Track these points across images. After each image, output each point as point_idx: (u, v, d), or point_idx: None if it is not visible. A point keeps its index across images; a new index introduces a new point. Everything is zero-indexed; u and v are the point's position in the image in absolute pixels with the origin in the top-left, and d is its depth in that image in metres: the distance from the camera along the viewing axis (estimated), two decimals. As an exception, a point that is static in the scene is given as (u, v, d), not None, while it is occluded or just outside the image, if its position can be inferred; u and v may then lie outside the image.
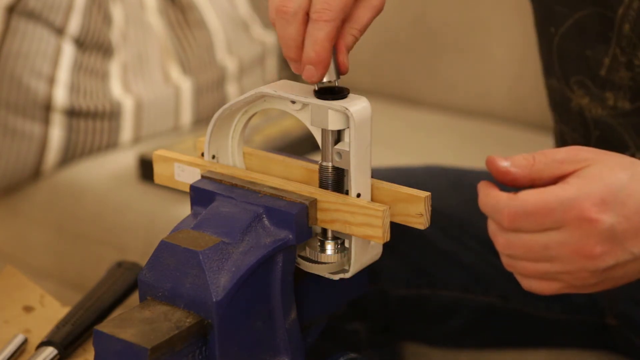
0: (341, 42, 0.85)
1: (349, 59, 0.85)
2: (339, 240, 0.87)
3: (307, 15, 0.83)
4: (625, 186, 0.73)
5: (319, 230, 0.88)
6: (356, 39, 0.85)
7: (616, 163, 0.75)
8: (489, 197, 0.76)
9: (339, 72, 0.86)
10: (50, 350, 0.96)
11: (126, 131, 1.87)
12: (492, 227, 0.77)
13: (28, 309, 1.06)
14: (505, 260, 0.78)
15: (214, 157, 0.92)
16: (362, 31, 0.86)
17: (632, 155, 1.00)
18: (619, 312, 1.10)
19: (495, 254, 1.15)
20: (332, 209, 0.85)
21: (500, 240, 0.76)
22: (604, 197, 0.73)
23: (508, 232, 0.75)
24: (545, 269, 0.75)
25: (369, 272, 0.92)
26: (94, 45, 1.84)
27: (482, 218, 0.93)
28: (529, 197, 0.73)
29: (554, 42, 1.07)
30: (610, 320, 1.11)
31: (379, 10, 0.86)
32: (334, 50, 0.84)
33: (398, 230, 0.87)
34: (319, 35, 0.81)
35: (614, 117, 1.01)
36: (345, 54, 0.85)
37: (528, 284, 0.78)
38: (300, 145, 1.75)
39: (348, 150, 0.84)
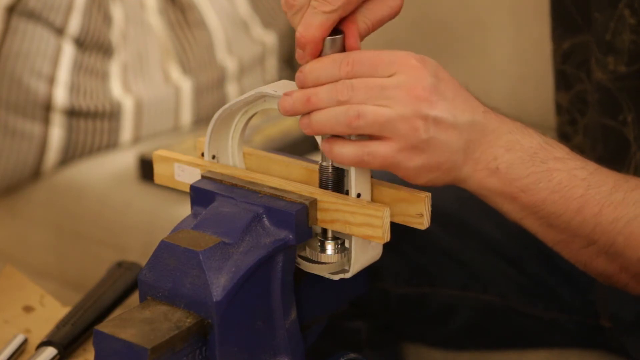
0: (353, 26, 0.86)
1: (359, 45, 0.87)
2: (339, 240, 0.87)
3: None
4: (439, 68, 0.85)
5: (319, 230, 0.88)
6: (369, 29, 0.88)
7: None
8: (323, 58, 0.84)
9: None
10: (50, 350, 0.96)
11: (126, 131, 1.87)
12: (333, 82, 0.83)
13: (28, 309, 1.06)
14: (346, 117, 0.82)
15: (214, 157, 0.92)
16: (375, 24, 0.88)
17: (624, 119, 1.02)
18: (611, 313, 1.10)
19: (494, 252, 1.15)
20: (332, 209, 0.85)
21: (342, 86, 0.82)
22: (422, 58, 0.84)
23: (351, 79, 0.83)
24: (385, 113, 0.81)
25: (370, 270, 0.92)
26: (94, 45, 1.83)
27: (481, 216, 0.93)
28: (362, 51, 0.84)
29: (567, 2, 1.08)
30: (604, 322, 1.11)
31: (395, 13, 0.89)
32: (341, 41, 0.85)
33: (398, 228, 0.87)
34: (311, 22, 0.83)
35: (611, 81, 1.02)
36: (356, 38, 0.86)
37: (368, 149, 0.83)
38: (300, 145, 1.75)
39: (348, 150, 0.84)
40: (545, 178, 0.86)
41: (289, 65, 2.14)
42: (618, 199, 0.87)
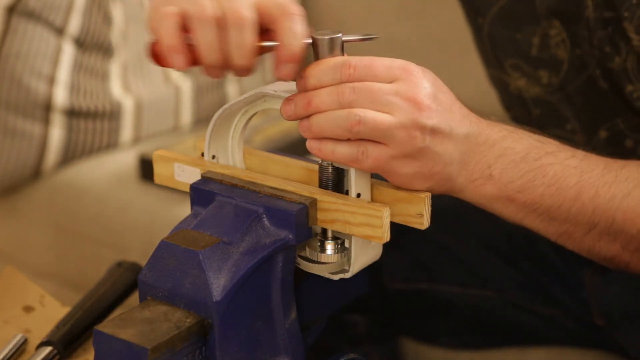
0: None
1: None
2: (339, 240, 0.87)
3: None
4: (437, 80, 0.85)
5: (319, 230, 0.88)
6: None
7: None
8: (324, 62, 0.84)
9: None
10: (50, 350, 0.96)
11: (126, 131, 1.87)
12: (336, 84, 0.83)
13: (28, 309, 1.06)
14: (347, 121, 0.82)
15: (214, 157, 0.92)
16: None
17: (572, 129, 1.06)
18: (602, 311, 1.10)
19: (491, 250, 1.15)
20: (332, 209, 0.85)
21: (344, 89, 0.83)
22: (421, 67, 0.85)
23: (353, 82, 0.83)
24: (386, 120, 0.82)
25: (369, 266, 0.92)
26: (94, 45, 1.84)
27: (478, 215, 0.94)
28: (362, 57, 0.84)
29: (484, 32, 1.11)
30: (598, 320, 1.12)
31: None
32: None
33: (397, 225, 0.87)
34: (299, 30, 0.84)
35: (550, 93, 1.06)
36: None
37: (363, 147, 0.83)
38: (300, 145, 1.74)
39: (348, 150, 0.84)
40: (539, 175, 0.88)
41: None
42: (611, 178, 0.90)
